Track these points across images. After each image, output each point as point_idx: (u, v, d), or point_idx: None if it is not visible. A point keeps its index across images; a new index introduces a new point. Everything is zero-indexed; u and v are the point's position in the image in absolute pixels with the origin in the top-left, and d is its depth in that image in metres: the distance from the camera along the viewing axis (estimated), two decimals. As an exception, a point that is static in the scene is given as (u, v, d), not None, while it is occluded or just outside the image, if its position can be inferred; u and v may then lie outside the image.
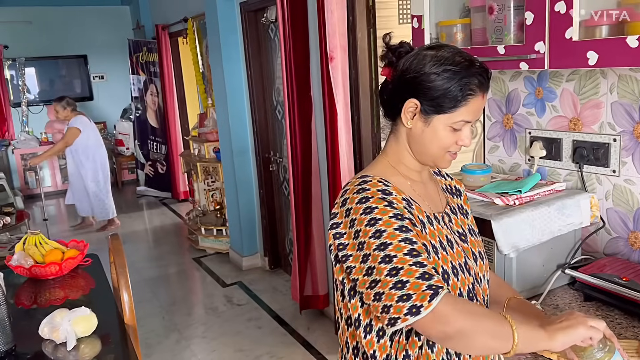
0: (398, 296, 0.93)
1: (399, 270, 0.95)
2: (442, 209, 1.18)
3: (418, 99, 1.05)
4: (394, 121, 1.14)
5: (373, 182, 1.06)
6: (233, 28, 4.16)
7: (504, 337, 0.94)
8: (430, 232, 1.08)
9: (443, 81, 1.03)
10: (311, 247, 3.38)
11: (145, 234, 5.94)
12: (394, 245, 0.97)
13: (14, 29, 7.54)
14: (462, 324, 0.92)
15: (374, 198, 1.02)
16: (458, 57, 1.05)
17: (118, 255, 1.84)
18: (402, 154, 1.14)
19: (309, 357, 3.10)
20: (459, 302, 0.96)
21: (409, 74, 1.06)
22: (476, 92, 1.04)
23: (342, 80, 2.78)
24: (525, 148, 1.93)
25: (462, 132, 1.07)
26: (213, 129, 4.90)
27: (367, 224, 1.00)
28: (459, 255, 1.11)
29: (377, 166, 1.16)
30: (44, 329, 1.62)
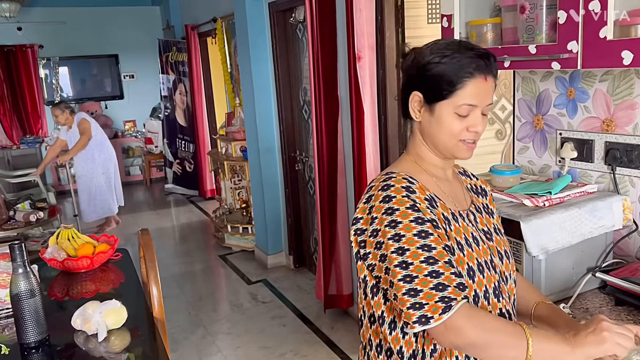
0: (410, 303, 0.95)
1: (414, 279, 0.96)
2: (467, 207, 1.18)
3: (419, 91, 1.09)
4: (409, 120, 1.16)
5: (398, 178, 1.06)
6: (261, 28, 4.19)
7: (517, 348, 0.94)
8: (455, 229, 1.08)
9: (438, 67, 1.05)
10: (336, 246, 3.39)
11: (172, 231, 6.03)
12: (411, 252, 0.98)
13: (48, 29, 7.74)
14: (474, 338, 0.94)
15: (397, 197, 1.03)
16: (454, 44, 1.07)
17: (148, 250, 1.88)
18: (421, 149, 1.16)
19: (333, 356, 3.11)
20: (474, 315, 0.96)
21: (411, 70, 1.11)
22: (474, 74, 1.04)
23: (369, 80, 2.78)
24: (556, 149, 1.90)
25: (470, 118, 1.07)
26: (240, 128, 4.95)
27: (387, 225, 1.01)
28: (485, 252, 1.12)
29: (402, 163, 1.17)
30: (76, 320, 1.66)
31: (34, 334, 1.56)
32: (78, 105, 8.12)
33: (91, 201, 5.61)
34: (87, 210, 5.63)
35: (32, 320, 1.55)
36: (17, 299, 1.53)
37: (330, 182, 3.30)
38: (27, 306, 1.54)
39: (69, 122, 5.40)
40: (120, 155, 8.31)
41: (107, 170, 5.66)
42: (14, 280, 1.53)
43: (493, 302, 1.10)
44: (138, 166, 8.54)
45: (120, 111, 8.42)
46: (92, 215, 5.69)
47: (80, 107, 8.09)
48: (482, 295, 1.07)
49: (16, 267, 1.53)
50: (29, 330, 1.55)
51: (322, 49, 3.14)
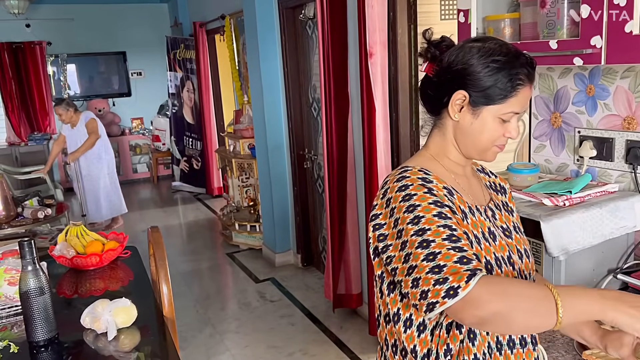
0: (435, 279, 0.89)
1: (437, 255, 0.91)
2: (485, 203, 1.15)
3: (466, 91, 1.04)
4: (438, 116, 1.12)
5: (413, 170, 1.04)
6: (270, 25, 4.16)
7: (546, 314, 0.86)
8: (472, 223, 1.05)
9: (492, 72, 1.02)
10: (345, 245, 3.36)
11: (179, 228, 6.02)
12: (433, 231, 0.94)
13: (56, 26, 7.75)
14: (497, 306, 0.86)
15: (413, 185, 1.00)
16: (505, 48, 1.04)
17: (158, 248, 1.86)
18: (448, 148, 1.12)
19: (342, 356, 3.08)
20: (495, 282, 0.89)
21: (456, 66, 1.05)
22: (525, 82, 1.03)
23: (381, 77, 2.75)
24: (574, 148, 1.86)
25: (510, 124, 1.06)
26: (248, 126, 4.92)
27: (406, 211, 0.98)
28: (502, 248, 1.08)
29: (418, 158, 1.14)
30: (85, 319, 1.64)
31: (43, 332, 1.54)
32: (86, 103, 8.13)
33: (97, 201, 5.53)
34: (93, 210, 5.55)
35: (42, 318, 1.53)
36: (26, 296, 1.51)
37: (339, 181, 3.27)
38: (37, 304, 1.52)
39: (73, 121, 5.31)
40: (127, 153, 8.33)
41: (112, 170, 5.60)
42: (23, 277, 1.51)
43: None
44: (145, 164, 8.55)
45: (128, 108, 8.41)
46: (98, 216, 5.60)
47: (87, 104, 8.10)
48: None
49: (25, 264, 1.51)
50: (38, 328, 1.53)
51: (332, 46, 3.11)
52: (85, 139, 5.30)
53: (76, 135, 5.35)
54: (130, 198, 7.67)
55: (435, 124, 1.13)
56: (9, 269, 1.83)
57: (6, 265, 1.85)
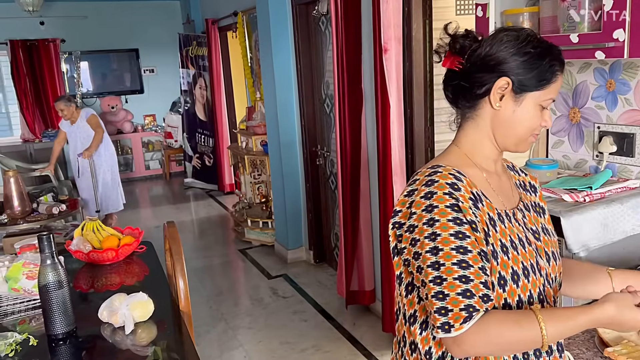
0: (437, 307, 0.94)
1: (443, 281, 0.94)
2: (515, 204, 1.13)
3: (509, 77, 1.03)
4: (472, 108, 1.09)
5: (444, 173, 1.01)
6: (283, 21, 4.16)
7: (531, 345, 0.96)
8: (501, 231, 1.03)
9: (534, 58, 1.02)
10: (358, 242, 3.35)
11: (191, 225, 6.04)
12: (445, 252, 0.95)
13: (70, 24, 7.80)
14: (485, 349, 0.95)
15: (438, 194, 0.99)
16: (539, 37, 1.06)
17: (174, 243, 1.86)
18: (482, 141, 1.10)
19: (355, 352, 3.07)
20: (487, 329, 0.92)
21: (494, 53, 1.04)
22: (561, 70, 1.05)
23: (395, 73, 2.73)
24: (593, 143, 1.83)
25: (546, 112, 1.07)
26: (261, 122, 4.92)
27: (426, 223, 0.98)
28: (531, 254, 1.06)
29: (450, 156, 1.10)
30: (103, 313, 1.65)
31: (61, 326, 1.55)
32: (99, 100, 8.18)
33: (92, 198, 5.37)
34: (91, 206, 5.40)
35: (60, 311, 1.54)
36: (45, 290, 1.52)
37: (353, 177, 3.26)
38: (55, 297, 1.53)
39: (74, 117, 5.22)
40: (139, 150, 8.37)
41: (112, 167, 5.48)
42: (42, 271, 1.52)
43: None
44: (157, 160, 8.59)
45: (140, 105, 8.45)
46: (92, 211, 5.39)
47: (100, 101, 8.16)
48: (526, 301, 1.02)
49: (44, 258, 1.52)
50: (57, 322, 1.54)
51: (346, 42, 3.09)
52: (86, 134, 5.21)
53: (76, 131, 5.26)
54: (143, 195, 7.73)
55: (468, 116, 1.10)
56: (27, 263, 1.85)
57: (24, 260, 1.87)
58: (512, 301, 1.00)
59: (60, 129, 5.43)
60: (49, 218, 4.32)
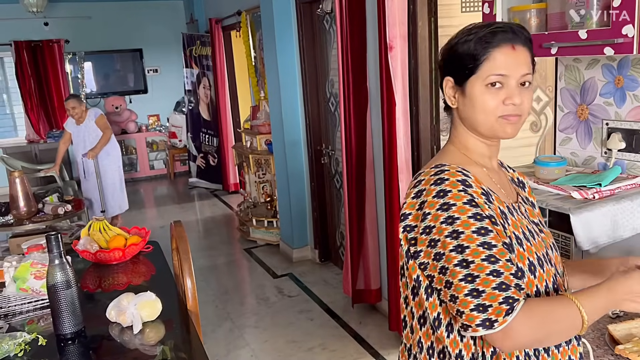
0: (474, 304, 0.92)
1: (475, 278, 0.92)
2: (516, 199, 1.15)
3: (450, 75, 1.07)
4: (449, 110, 1.14)
5: (452, 171, 1.01)
6: (287, 20, 4.15)
7: (575, 329, 0.96)
8: (512, 223, 1.04)
9: (463, 45, 1.04)
10: (364, 241, 3.34)
11: (196, 224, 6.05)
12: (472, 250, 0.94)
13: (74, 24, 7.82)
14: (533, 337, 0.94)
15: (452, 192, 0.98)
16: (480, 24, 1.07)
17: (182, 242, 1.86)
18: (466, 138, 1.11)
19: (362, 351, 3.07)
20: (531, 314, 0.93)
21: (441, 56, 1.11)
22: (499, 44, 1.01)
23: (401, 71, 2.72)
24: (602, 140, 1.82)
25: (504, 90, 1.02)
26: (265, 122, 4.92)
27: (444, 222, 0.96)
28: (541, 245, 1.08)
29: (450, 155, 1.11)
30: (111, 312, 1.65)
31: (70, 325, 1.55)
32: (103, 100, 8.20)
33: (105, 197, 5.38)
34: (96, 207, 5.38)
35: (69, 311, 1.54)
36: (53, 290, 1.52)
37: (358, 176, 3.26)
38: (64, 297, 1.53)
39: (83, 117, 5.20)
40: (144, 150, 8.39)
41: (119, 167, 5.48)
42: (50, 271, 1.52)
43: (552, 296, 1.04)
44: (162, 160, 8.60)
45: (144, 105, 8.47)
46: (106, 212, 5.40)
47: (104, 101, 8.17)
48: (544, 291, 1.02)
49: (53, 258, 1.52)
50: (66, 321, 1.54)
51: (351, 40, 3.09)
52: (94, 134, 5.19)
53: (84, 131, 5.23)
54: (148, 194, 7.75)
55: (452, 117, 1.14)
56: (35, 263, 1.85)
57: (32, 260, 1.88)
58: (530, 292, 1.00)
59: (65, 130, 5.40)
60: (54, 218, 4.33)
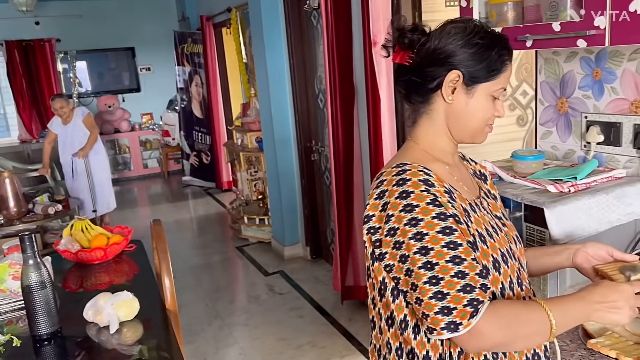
0: (439, 307, 0.91)
1: (440, 281, 0.91)
2: (478, 194, 1.14)
3: (459, 70, 1.02)
4: (425, 102, 1.08)
5: (413, 171, 0.99)
6: (275, 16, 4.14)
7: (542, 335, 0.95)
8: (475, 220, 1.03)
9: (483, 49, 1.02)
10: (352, 237, 3.34)
11: (190, 222, 6.04)
12: (436, 251, 0.93)
13: (65, 23, 7.78)
14: (499, 339, 0.93)
15: (415, 193, 0.96)
16: (486, 27, 1.06)
17: (160, 241, 1.85)
18: (438, 136, 1.09)
19: (351, 347, 3.07)
20: (497, 314, 0.92)
21: (443, 46, 1.03)
22: (509, 59, 1.06)
23: (385, 66, 2.71)
24: (581, 133, 1.82)
25: (498, 103, 1.07)
26: (256, 119, 4.91)
27: (408, 224, 0.95)
28: (504, 240, 1.07)
29: (411, 153, 1.09)
30: (88, 312, 1.64)
31: (45, 326, 1.54)
32: (96, 99, 8.17)
33: (94, 196, 5.31)
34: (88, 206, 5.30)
35: (44, 312, 1.53)
36: (28, 290, 1.51)
37: (346, 172, 3.25)
38: (39, 298, 1.52)
39: (69, 115, 5.12)
40: (137, 148, 8.37)
41: (106, 166, 5.43)
42: (24, 271, 1.52)
43: (517, 291, 1.04)
44: (156, 159, 8.59)
45: (137, 104, 8.44)
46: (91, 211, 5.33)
47: (97, 100, 8.14)
48: (508, 287, 1.02)
49: (27, 258, 1.52)
50: (41, 322, 1.53)
51: (337, 36, 3.07)
52: (82, 133, 5.14)
53: (71, 130, 5.15)
54: (142, 193, 7.73)
55: (422, 111, 1.09)
56: (14, 264, 1.84)
57: (10, 260, 1.86)
58: (495, 289, 0.99)
59: (49, 130, 5.28)
60: (45, 218, 4.31)
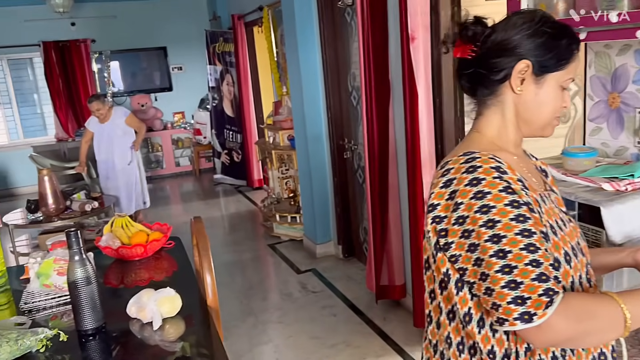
0: (512, 297, 0.86)
1: (513, 269, 0.87)
2: (544, 187, 1.10)
3: (528, 60, 1.00)
4: (492, 95, 1.06)
5: (483, 158, 0.96)
6: (308, 14, 4.12)
7: (615, 329, 0.89)
8: (546, 212, 0.99)
9: (552, 38, 1.00)
10: (387, 236, 3.30)
11: (221, 220, 6.08)
12: (509, 239, 0.88)
13: (100, 24, 7.94)
14: (572, 333, 0.87)
15: (486, 179, 0.93)
16: (552, 17, 1.04)
17: (201, 238, 1.85)
18: (506, 129, 1.06)
19: (387, 347, 3.03)
20: (570, 308, 0.87)
21: (510, 37, 1.01)
22: (578, 49, 1.03)
23: (423, 62, 2.66)
24: (634, 129, 1.74)
25: (566, 93, 1.05)
26: (288, 117, 4.91)
27: (478, 211, 0.91)
28: (572, 234, 1.03)
29: (476, 143, 1.05)
30: (131, 308, 1.65)
31: (90, 321, 1.55)
32: (129, 98, 8.31)
33: (130, 194, 5.43)
34: (126, 204, 5.40)
35: (89, 307, 1.54)
36: (74, 286, 1.53)
37: (381, 170, 3.21)
38: (84, 293, 1.53)
39: (107, 116, 5.21)
40: (169, 147, 8.48)
41: (139, 163, 5.51)
42: (70, 267, 1.53)
43: (586, 287, 1.00)
44: (187, 157, 8.69)
45: (169, 103, 8.56)
46: (131, 209, 5.44)
47: (130, 99, 8.28)
48: (577, 281, 0.98)
49: (72, 254, 1.53)
50: (86, 318, 1.54)
51: (372, 32, 3.04)
52: (121, 132, 5.23)
53: (109, 129, 5.23)
54: (174, 191, 7.83)
55: (489, 103, 1.06)
56: (58, 259, 1.87)
57: (55, 256, 1.89)
58: (566, 283, 0.95)
59: (86, 129, 5.38)
60: (82, 215, 4.40)
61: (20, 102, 8.10)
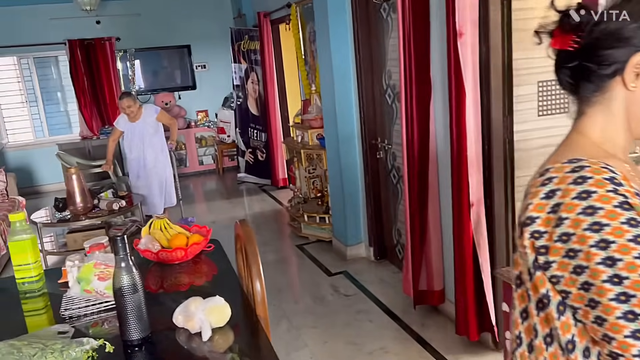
0: (630, 330, 0.76)
1: (630, 298, 0.76)
2: None
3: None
4: (598, 91, 0.93)
5: (594, 167, 0.83)
6: (342, 10, 4.02)
7: None
8: None
9: None
10: (426, 240, 3.18)
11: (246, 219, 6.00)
12: (626, 263, 0.77)
13: (124, 22, 7.93)
14: None
15: (599, 193, 0.81)
16: None
17: (250, 242, 1.76)
18: (615, 130, 0.93)
19: (425, 354, 2.92)
20: None
21: (626, 26, 0.88)
22: None
23: (471, 59, 2.54)
24: None
25: None
26: (317, 116, 4.81)
27: (588, 229, 0.80)
28: None
29: (581, 147, 0.92)
30: (178, 317, 1.56)
31: (137, 332, 1.47)
32: (153, 96, 8.29)
33: (161, 193, 5.36)
34: (158, 202, 5.33)
35: (135, 316, 1.46)
36: (120, 294, 1.44)
37: (420, 171, 3.09)
38: (130, 302, 1.45)
39: (137, 114, 5.13)
40: (193, 145, 8.45)
41: (171, 161, 5.48)
42: (116, 274, 1.45)
43: None
44: (211, 155, 8.65)
45: (193, 101, 8.52)
46: (161, 207, 5.37)
47: (154, 97, 8.26)
48: None
49: (119, 260, 1.44)
50: (132, 327, 1.46)
51: (414, 28, 2.92)
52: (152, 130, 5.18)
53: (139, 128, 5.17)
54: (197, 189, 7.79)
55: (594, 101, 0.93)
56: (98, 264, 1.79)
57: (95, 260, 1.82)
58: None
59: (115, 127, 5.32)
60: (109, 214, 4.36)
61: (46, 100, 8.13)
